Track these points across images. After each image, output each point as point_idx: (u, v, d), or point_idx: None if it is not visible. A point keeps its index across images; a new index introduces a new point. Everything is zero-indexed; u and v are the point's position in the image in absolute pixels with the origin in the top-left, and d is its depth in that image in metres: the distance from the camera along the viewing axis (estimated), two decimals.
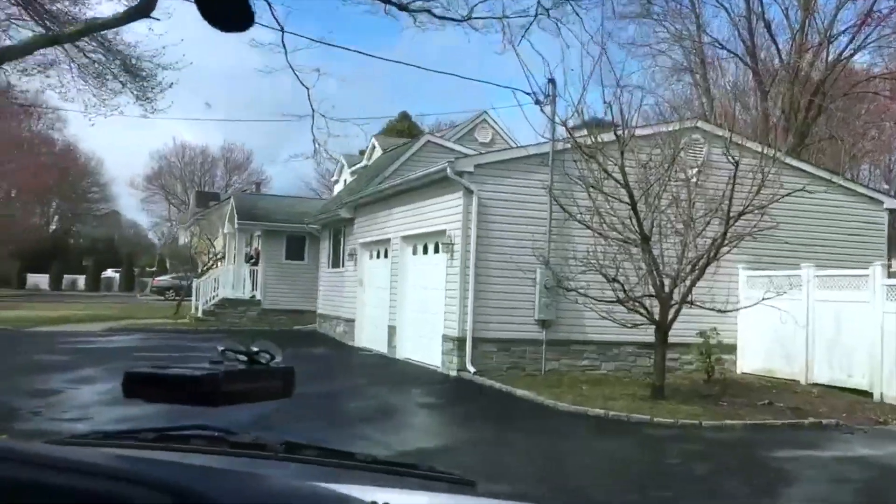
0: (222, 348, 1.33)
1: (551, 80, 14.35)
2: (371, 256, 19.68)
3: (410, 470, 1.55)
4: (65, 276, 57.66)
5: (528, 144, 13.96)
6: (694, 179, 13.34)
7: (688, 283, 11.86)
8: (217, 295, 25.81)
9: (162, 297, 40.11)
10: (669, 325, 11.94)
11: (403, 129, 35.81)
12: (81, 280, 58.06)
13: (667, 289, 11.91)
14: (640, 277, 11.96)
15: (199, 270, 28.23)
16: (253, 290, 25.73)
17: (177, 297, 30.42)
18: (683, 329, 12.78)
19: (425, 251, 16.31)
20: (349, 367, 15.96)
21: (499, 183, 14.31)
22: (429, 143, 21.17)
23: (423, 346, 15.82)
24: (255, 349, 1.35)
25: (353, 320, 20.11)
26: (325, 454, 1.56)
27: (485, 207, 14.16)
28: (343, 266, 21.42)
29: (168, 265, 48.67)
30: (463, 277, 14.05)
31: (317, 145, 12.87)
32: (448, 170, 14.05)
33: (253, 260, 26.29)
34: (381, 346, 17.94)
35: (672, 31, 31.84)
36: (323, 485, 1.13)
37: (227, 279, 26.03)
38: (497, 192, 14.25)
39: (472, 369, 13.86)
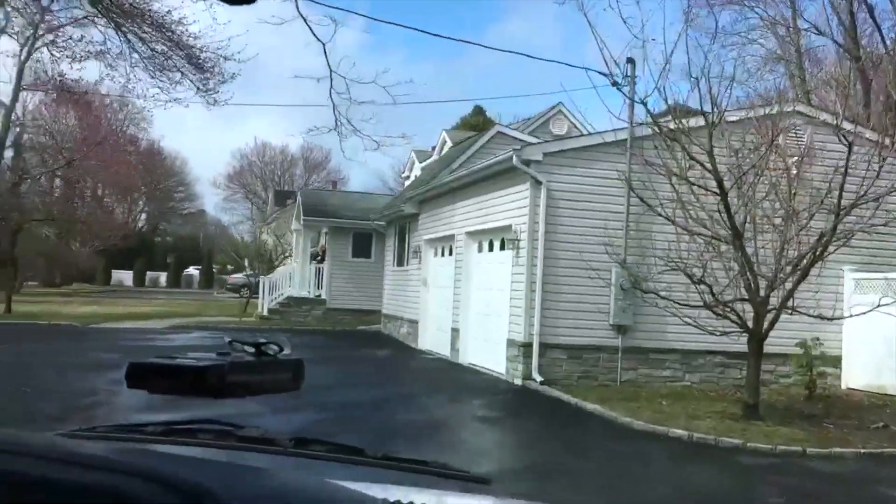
0: (229, 339, 1.33)
1: (630, 60, 12.85)
2: (436, 254, 18.52)
3: (422, 467, 1.50)
4: (148, 273, 58.73)
5: (603, 131, 12.51)
6: (794, 171, 11.63)
7: (788, 285, 10.19)
8: (283, 293, 25.15)
9: (237, 295, 39.97)
10: (766, 333, 10.30)
11: (477, 123, 34.56)
12: (164, 277, 59.00)
13: (762, 292, 10.29)
14: (731, 279, 10.36)
15: (269, 268, 27.65)
16: (318, 288, 24.95)
17: (237, 295, 30.06)
18: (779, 337, 11.10)
19: (490, 248, 15.03)
20: (407, 371, 14.81)
21: (570, 173, 12.90)
22: (499, 135, 19.83)
23: (488, 351, 14.56)
24: (263, 340, 1.33)
25: (416, 321, 19.00)
26: (336, 450, 1.50)
27: (554, 200, 12.78)
28: (407, 264, 20.35)
29: (247, 263, 48.89)
30: (529, 276, 12.70)
31: (337, 114, 11.64)
32: (514, 158, 12.72)
33: (319, 257, 25.53)
34: (444, 350, 16.78)
35: (764, 17, 29.66)
36: (333, 481, 1.09)
37: (293, 277, 25.32)
38: (568, 183, 12.85)
39: (538, 378, 12.50)
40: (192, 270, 61.18)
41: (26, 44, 29.02)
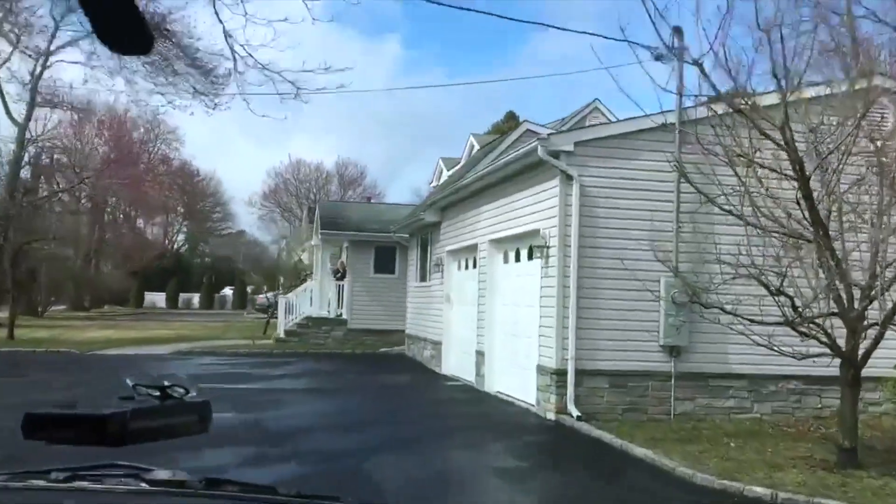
0: (133, 383, 1.30)
1: (676, 29, 10.67)
2: (459, 267, 16.46)
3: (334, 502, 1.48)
4: (181, 294, 57.68)
5: (646, 114, 10.31)
6: (887, 155, 9.29)
7: (894, 295, 7.86)
8: (302, 313, 23.28)
9: (265, 315, 38.50)
10: (864, 358, 7.98)
11: (510, 129, 32.41)
12: (197, 298, 57.90)
13: (857, 304, 7.98)
14: (821, 289, 8.05)
15: (290, 286, 25.93)
16: (339, 307, 23.01)
17: (265, 315, 28.41)
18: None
19: (517, 258, 12.91)
20: (423, 404, 12.68)
21: (607, 165, 10.76)
22: (528, 133, 17.67)
23: (516, 378, 12.44)
24: (167, 384, 1.31)
25: (440, 343, 16.91)
26: (248, 490, 1.45)
27: (589, 198, 10.62)
28: (430, 279, 18.27)
29: (280, 282, 47.52)
30: (561, 290, 10.54)
31: (229, 41, 9.38)
32: (539, 150, 10.61)
33: (339, 274, 23.60)
34: (468, 375, 14.70)
35: (814, 5, 27.14)
36: None
37: (312, 296, 23.41)
38: (605, 176, 10.71)
39: (574, 412, 10.30)
40: (227, 291, 60.04)
41: (38, 60, 27.87)
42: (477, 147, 22.93)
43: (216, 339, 24.41)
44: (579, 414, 10.29)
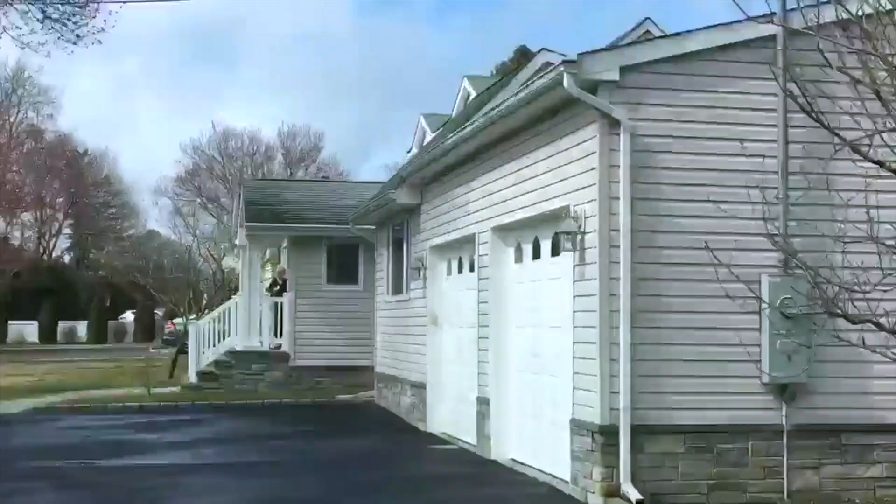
0: None
1: None
2: (450, 270, 15.83)
3: None
4: (60, 322, 57.00)
5: (748, 16, 9.01)
6: None
7: None
8: (223, 346, 22.41)
9: (174, 350, 37.97)
10: None
11: (521, 69, 31.61)
12: (83, 327, 57.24)
13: None
14: None
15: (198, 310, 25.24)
16: (276, 335, 22.15)
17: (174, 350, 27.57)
18: None
19: (536, 253, 12.01)
20: (399, 489, 11.46)
21: (674, 102, 9.69)
22: (548, 65, 16.57)
23: (539, 438, 11.65)
24: None
25: (424, 386, 16.04)
26: None
27: (646, 154, 9.53)
28: (407, 291, 17.36)
29: (203, 301, 46.87)
30: (606, 300, 9.43)
31: None
32: (566, 80, 9.43)
33: (277, 287, 22.72)
34: (467, 435, 14.01)
35: None
36: None
37: (237, 320, 22.49)
38: (671, 119, 9.65)
39: (633, 495, 9.19)
40: (128, 316, 59.35)
41: None
42: (473, 94, 22.00)
43: (100, 387, 23.97)
44: (640, 497, 9.16)
